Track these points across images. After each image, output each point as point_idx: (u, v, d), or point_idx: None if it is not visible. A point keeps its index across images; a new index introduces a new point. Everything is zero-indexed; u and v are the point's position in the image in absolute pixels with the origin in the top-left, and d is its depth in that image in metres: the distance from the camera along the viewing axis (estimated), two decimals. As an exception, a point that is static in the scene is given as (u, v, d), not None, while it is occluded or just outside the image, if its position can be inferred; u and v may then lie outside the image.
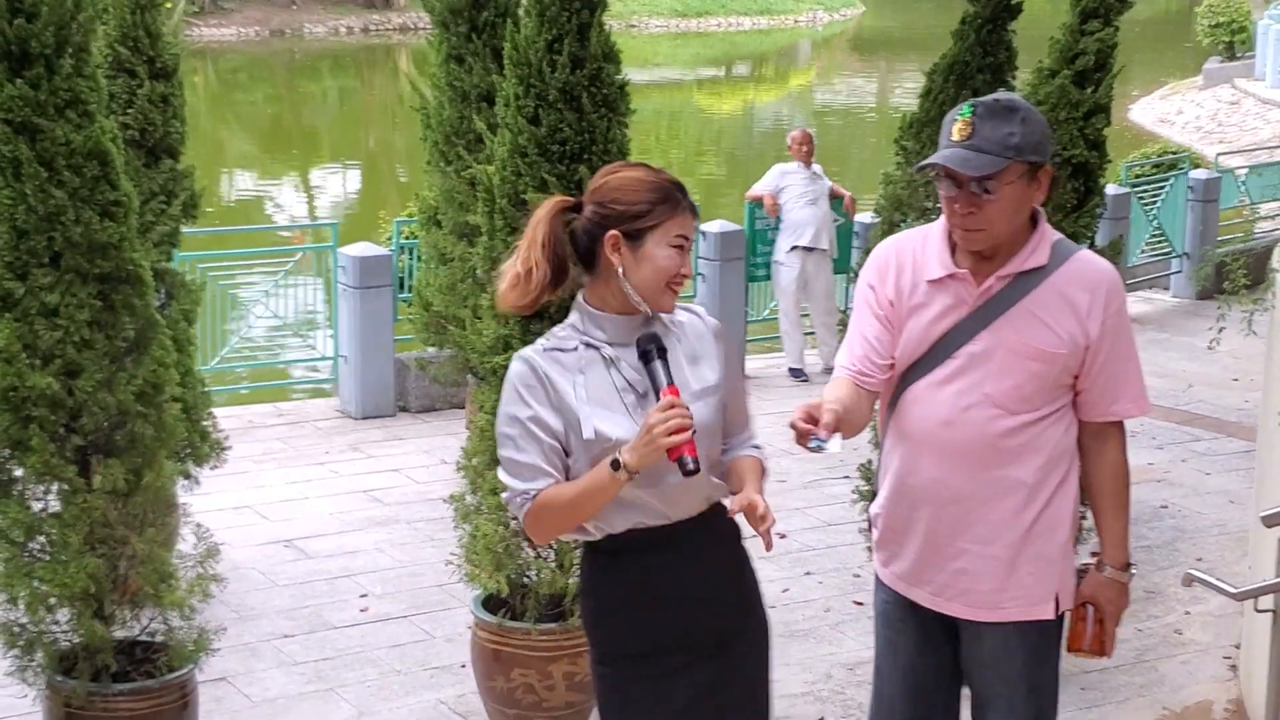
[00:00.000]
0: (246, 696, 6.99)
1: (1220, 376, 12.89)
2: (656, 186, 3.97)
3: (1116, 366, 4.36)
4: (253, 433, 10.98)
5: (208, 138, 32.69)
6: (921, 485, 4.45)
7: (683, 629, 4.01)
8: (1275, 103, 31.09)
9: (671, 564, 4.00)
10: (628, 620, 4.02)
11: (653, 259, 3.93)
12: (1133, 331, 4.45)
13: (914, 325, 4.40)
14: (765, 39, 58.18)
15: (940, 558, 4.45)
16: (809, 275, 13.07)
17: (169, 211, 7.70)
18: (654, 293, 3.96)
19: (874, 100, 44.34)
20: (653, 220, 3.93)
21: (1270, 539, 5.88)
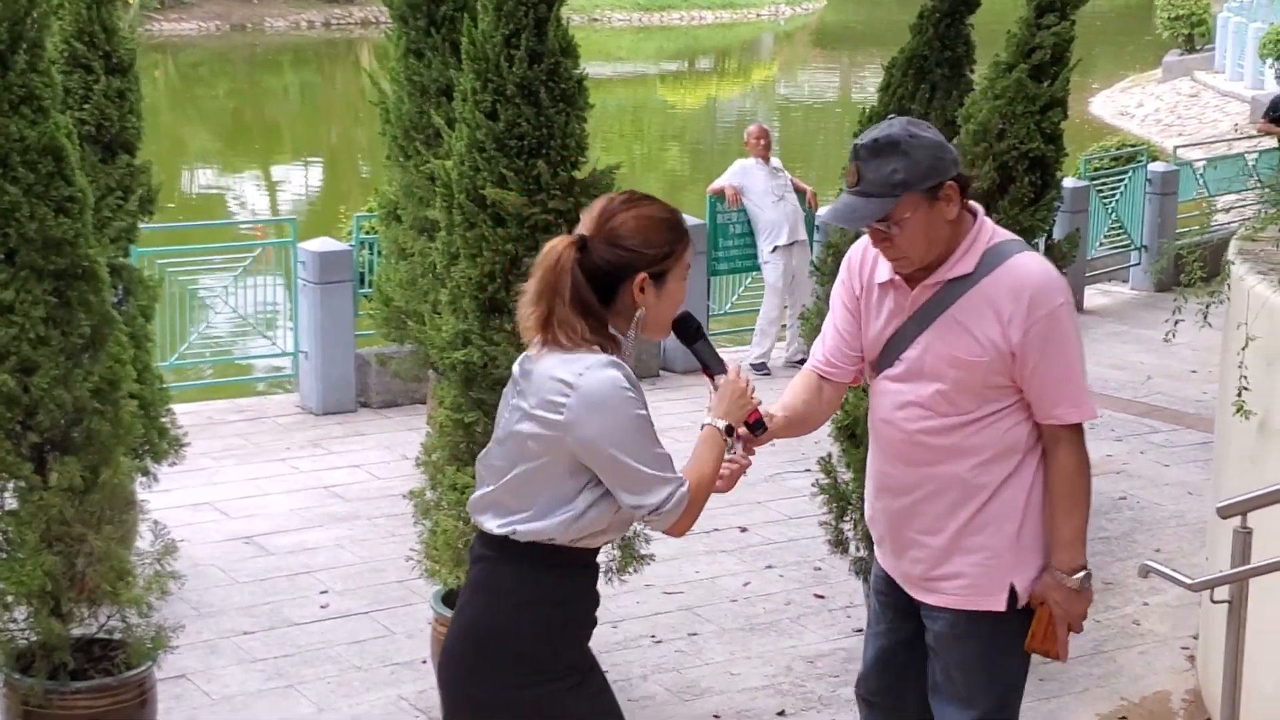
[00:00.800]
0: (206, 694, 6.97)
1: (1179, 368, 12.95)
2: (675, 224, 3.98)
3: (1050, 372, 4.33)
4: (213, 429, 10.94)
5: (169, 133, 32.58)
6: (878, 476, 4.64)
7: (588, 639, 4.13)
8: (1234, 95, 31.25)
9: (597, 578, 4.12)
10: (581, 632, 4.06)
11: (672, 295, 3.97)
12: (1074, 336, 4.38)
13: (872, 325, 4.54)
14: (728, 33, 58.23)
15: (900, 544, 4.60)
16: (795, 270, 13.12)
17: (126, 207, 7.66)
18: (665, 326, 4.03)
19: (836, 94, 44.41)
20: (674, 259, 3.95)
21: (1226, 530, 5.91)
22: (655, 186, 23.93)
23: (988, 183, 6.95)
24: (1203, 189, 17.69)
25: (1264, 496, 5.68)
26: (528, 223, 6.06)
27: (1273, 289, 6.05)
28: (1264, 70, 30.58)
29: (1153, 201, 16.63)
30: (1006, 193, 6.97)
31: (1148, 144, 20.09)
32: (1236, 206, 16.87)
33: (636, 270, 3.89)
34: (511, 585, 3.95)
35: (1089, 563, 4.55)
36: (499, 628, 3.93)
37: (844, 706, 6.92)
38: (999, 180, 6.96)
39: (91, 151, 7.56)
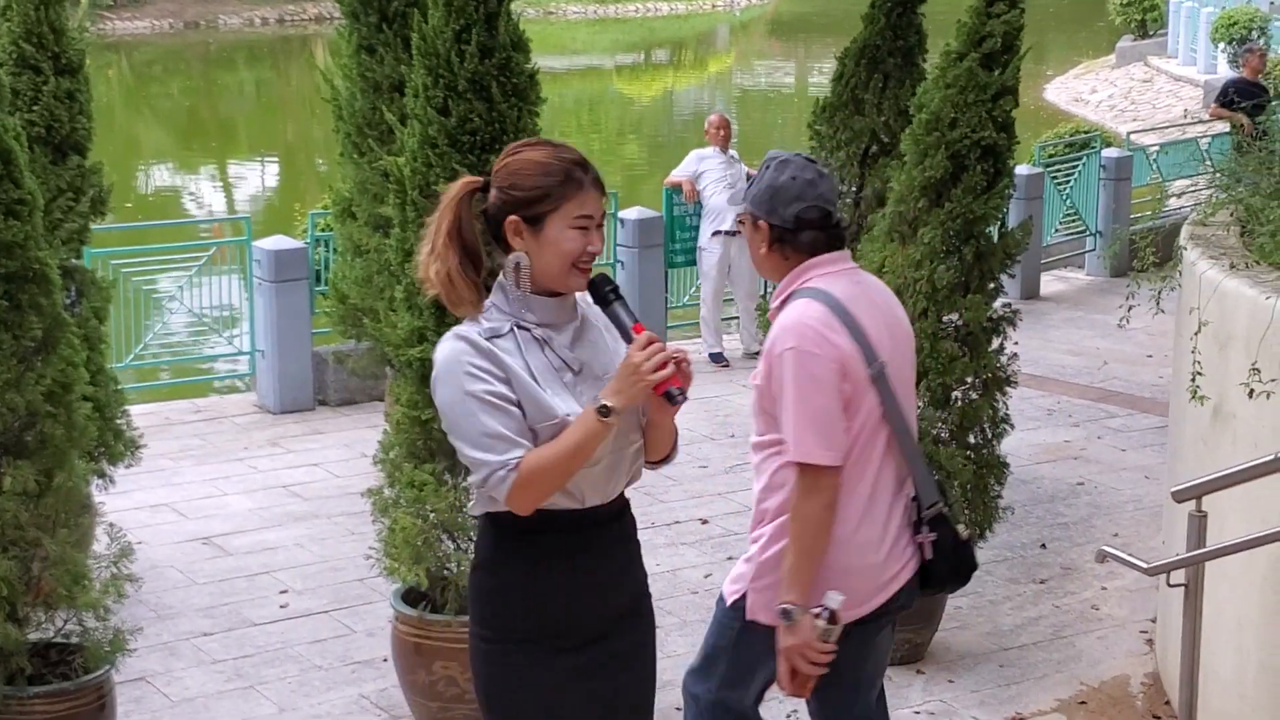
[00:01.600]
0: (166, 696, 6.94)
1: (1135, 353, 13.02)
2: (553, 168, 3.90)
3: (783, 410, 4.33)
4: (170, 430, 10.89)
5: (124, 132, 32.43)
6: None
7: (572, 615, 3.98)
8: (1187, 80, 31.38)
9: (574, 550, 3.97)
10: (523, 601, 3.96)
11: (555, 243, 3.88)
12: (793, 381, 4.27)
13: None
14: (683, 24, 58.22)
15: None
16: (732, 259, 13.10)
17: (77, 209, 7.62)
18: (560, 276, 3.91)
19: (792, 84, 44.46)
20: (551, 204, 3.88)
21: (1182, 514, 5.95)
22: (613, 178, 23.93)
23: (940, 172, 6.96)
24: (1156, 174, 17.78)
25: (1218, 480, 5.72)
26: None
27: (1224, 273, 6.08)
28: (1216, 55, 30.74)
29: (1107, 187, 16.71)
30: (959, 181, 6.98)
31: (1101, 130, 20.17)
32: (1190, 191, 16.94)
33: (507, 212, 3.90)
34: (476, 549, 4.10)
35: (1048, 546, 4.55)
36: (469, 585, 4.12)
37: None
38: (952, 169, 6.98)
39: (41, 153, 7.52)
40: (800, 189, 4.33)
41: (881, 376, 4.14)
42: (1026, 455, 10.12)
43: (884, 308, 4.37)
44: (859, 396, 4.18)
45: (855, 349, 4.16)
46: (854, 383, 4.17)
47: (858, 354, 4.14)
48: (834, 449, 4.15)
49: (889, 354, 4.24)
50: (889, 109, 8.37)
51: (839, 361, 4.10)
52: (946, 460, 6.99)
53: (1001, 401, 7.29)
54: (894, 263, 7.09)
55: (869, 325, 4.22)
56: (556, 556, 3.96)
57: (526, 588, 3.97)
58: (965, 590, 7.93)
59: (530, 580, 3.97)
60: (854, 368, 4.15)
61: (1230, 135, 16.71)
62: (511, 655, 3.99)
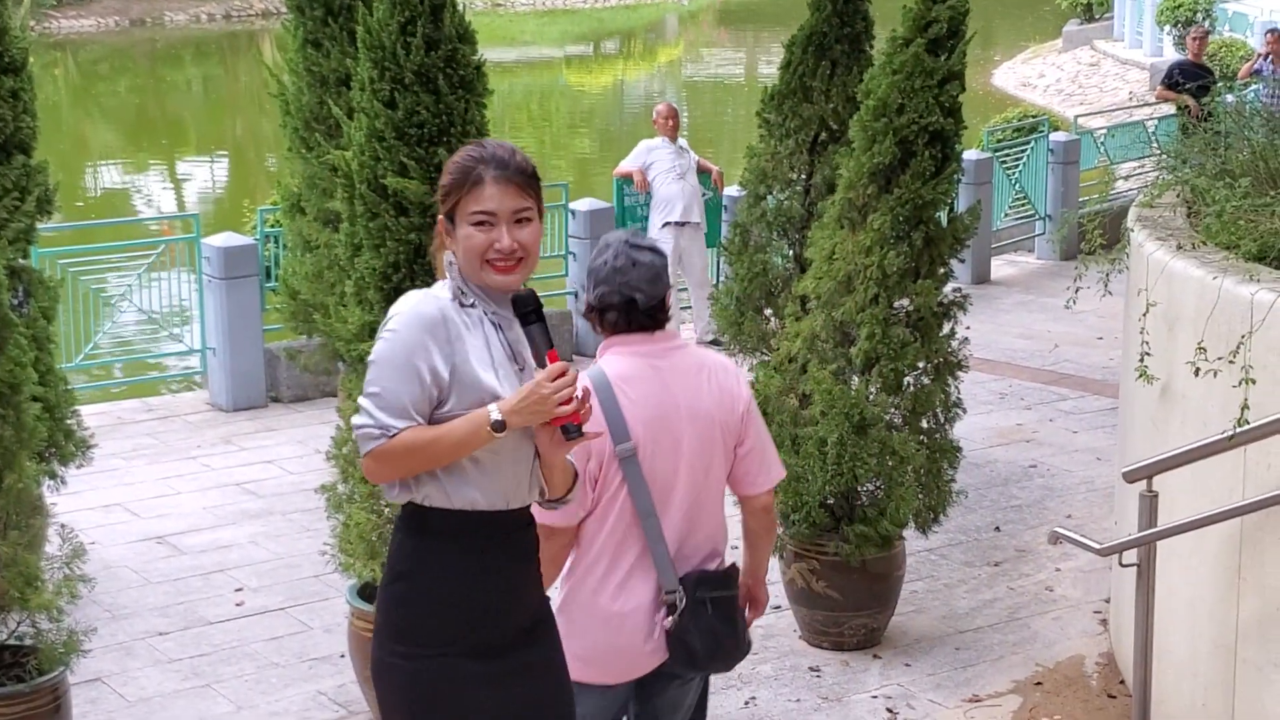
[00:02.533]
0: (122, 696, 6.91)
1: (1085, 336, 13.09)
2: (456, 166, 3.94)
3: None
4: (122, 429, 10.84)
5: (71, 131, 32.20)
6: None
7: (489, 620, 3.94)
8: (1134, 63, 31.53)
9: (491, 551, 3.93)
10: (441, 609, 3.91)
11: (460, 240, 3.92)
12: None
13: None
14: (632, 15, 58.17)
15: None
16: (683, 249, 13.10)
17: (23, 208, 7.55)
18: (474, 272, 3.91)
19: (742, 73, 44.48)
20: (452, 201, 3.93)
21: (1133, 494, 5.99)
22: (564, 170, 23.91)
23: (889, 158, 6.98)
24: (1104, 157, 17.86)
25: (1168, 460, 5.77)
26: (431, 211, 6.02)
27: (1171, 254, 6.12)
28: (1162, 37, 30.88)
29: (1055, 171, 16.78)
30: (907, 167, 7.00)
31: (1049, 114, 20.24)
32: (1137, 174, 17.04)
33: (441, 211, 3.97)
34: (390, 561, 4.09)
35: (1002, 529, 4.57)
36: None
37: (763, 683, 6.96)
38: (900, 155, 7.00)
39: (-14, 152, 7.46)
40: (608, 274, 4.40)
41: (630, 458, 4.12)
42: (979, 439, 10.16)
43: (679, 392, 4.31)
44: (604, 471, 4.17)
45: (603, 425, 4.13)
46: (597, 458, 4.16)
47: (606, 434, 4.13)
48: (564, 514, 4.17)
49: (662, 436, 4.22)
50: (837, 96, 8.36)
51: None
52: (900, 445, 7.02)
53: (954, 386, 7.32)
54: (844, 249, 7.11)
55: (639, 408, 4.22)
56: (473, 557, 3.91)
57: (445, 593, 3.91)
58: (921, 574, 8.03)
59: (448, 585, 3.91)
60: (598, 444, 4.11)
61: (1176, 117, 16.81)
62: (430, 668, 3.91)
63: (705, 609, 4.26)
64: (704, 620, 4.27)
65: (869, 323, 7.00)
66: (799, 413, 7.22)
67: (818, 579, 7.17)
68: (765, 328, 8.68)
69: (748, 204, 8.87)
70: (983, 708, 6.73)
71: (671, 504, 4.26)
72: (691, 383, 4.32)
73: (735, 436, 4.34)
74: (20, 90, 7.61)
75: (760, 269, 8.64)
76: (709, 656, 4.33)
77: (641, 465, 4.12)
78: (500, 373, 3.88)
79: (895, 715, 6.67)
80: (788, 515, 7.16)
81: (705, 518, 4.35)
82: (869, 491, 7.18)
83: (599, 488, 4.18)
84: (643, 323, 4.33)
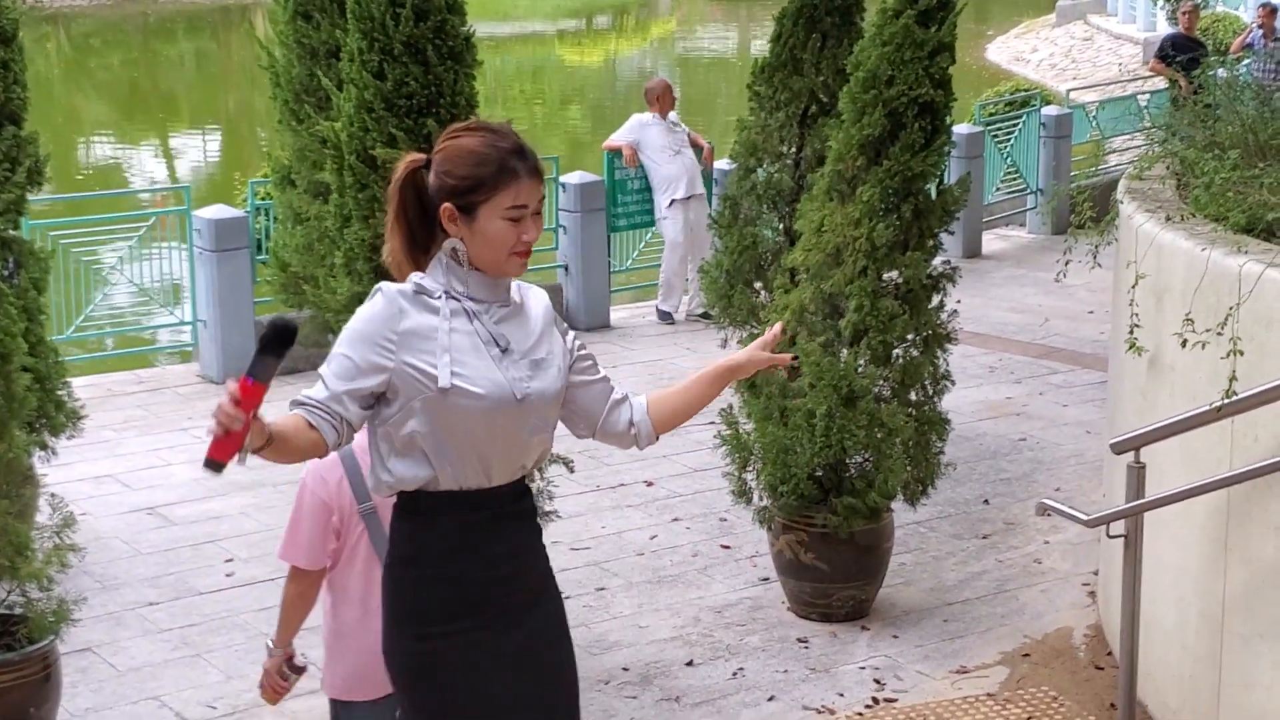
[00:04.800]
0: (112, 666, 6.93)
1: (1076, 309, 13.10)
2: (487, 158, 3.84)
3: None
4: (113, 401, 10.84)
5: (63, 105, 32.15)
6: None
7: (493, 594, 3.95)
8: (1127, 38, 31.54)
9: (485, 530, 3.93)
10: (448, 585, 3.92)
11: (484, 232, 3.84)
12: (301, 506, 4.78)
13: None
14: (625, -11, 58.06)
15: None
16: (692, 223, 13.11)
17: (13, 179, 7.55)
18: (495, 264, 3.88)
19: (735, 47, 44.43)
20: (483, 194, 3.83)
21: (1121, 466, 6.01)
22: (556, 145, 23.88)
23: (878, 130, 6.98)
24: (1096, 131, 17.87)
25: (1155, 431, 5.78)
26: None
27: (1160, 226, 6.13)
28: (1155, 12, 30.88)
29: (1047, 145, 16.78)
30: (897, 139, 7.00)
31: (1041, 88, 20.24)
32: (1129, 148, 17.04)
33: (442, 199, 3.87)
34: (391, 546, 4.11)
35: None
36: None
37: (751, 654, 6.98)
38: (889, 126, 7.00)
39: (-25, 124, 7.45)
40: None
41: (371, 514, 4.64)
42: (969, 412, 10.18)
43: None
44: (347, 526, 4.66)
45: (349, 490, 4.64)
46: (339, 513, 4.65)
47: (349, 496, 4.64)
48: (312, 560, 4.70)
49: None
50: (827, 68, 8.36)
51: (325, 499, 4.64)
52: (888, 417, 7.03)
53: (942, 358, 7.33)
54: (833, 221, 7.11)
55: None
56: (470, 534, 3.93)
57: (449, 571, 3.92)
58: (909, 546, 8.05)
59: (450, 563, 3.92)
60: (343, 503, 4.65)
61: (1169, 90, 16.82)
62: (447, 646, 3.93)
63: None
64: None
65: (858, 295, 7.00)
66: (787, 385, 7.23)
67: (806, 551, 7.19)
68: (755, 300, 8.69)
69: (738, 177, 8.87)
70: (970, 679, 6.75)
71: None
72: None
73: None
74: (10, 61, 7.60)
75: (750, 242, 8.65)
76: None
77: (380, 519, 4.61)
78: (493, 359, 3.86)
79: (883, 686, 6.70)
80: (775, 487, 7.18)
81: None
82: (857, 464, 7.20)
83: (342, 539, 4.69)
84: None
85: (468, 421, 3.83)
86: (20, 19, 7.79)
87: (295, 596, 4.77)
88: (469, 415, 3.83)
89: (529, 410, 3.90)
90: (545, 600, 4.10)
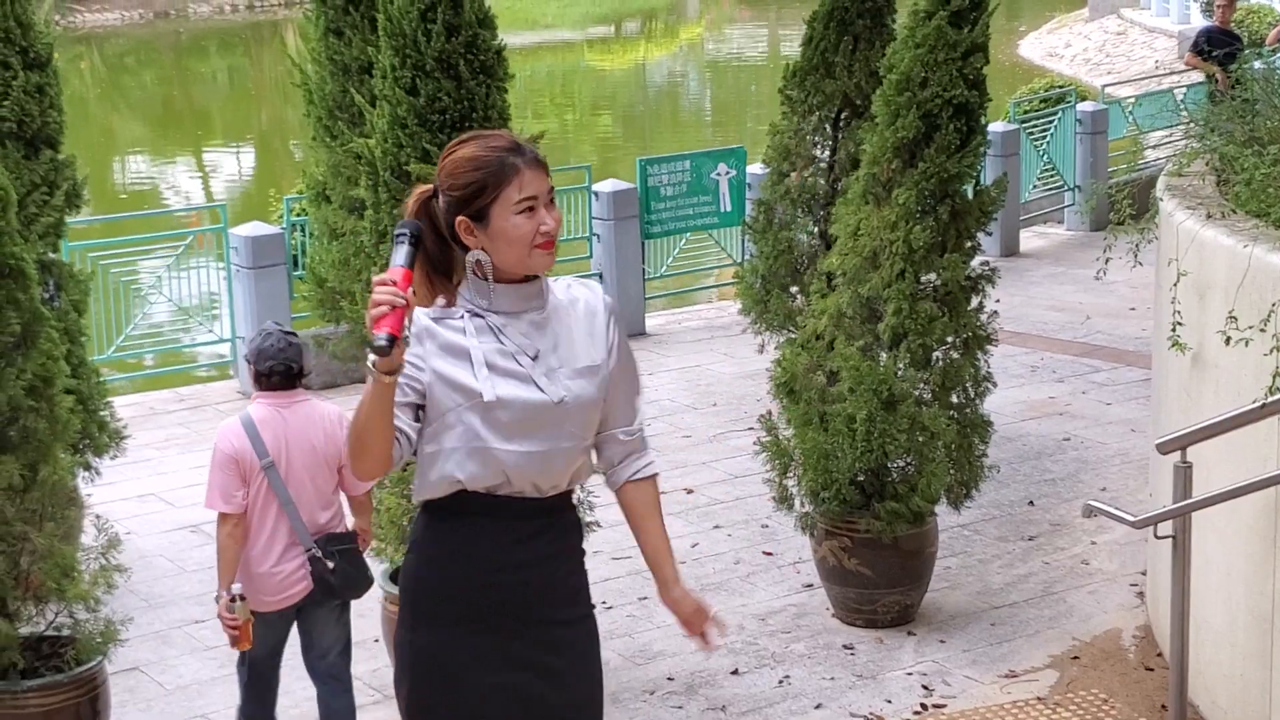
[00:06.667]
0: (160, 684, 6.94)
1: (1117, 307, 13.03)
2: (484, 160, 3.85)
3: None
4: (154, 419, 10.87)
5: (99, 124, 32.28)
6: None
7: (486, 598, 3.93)
8: (1161, 31, 31.36)
9: (493, 535, 3.93)
10: (438, 582, 3.95)
11: (503, 233, 3.85)
12: (215, 463, 5.87)
13: None
14: (653, -5, 58.06)
15: None
16: None
17: (52, 202, 7.60)
18: (521, 261, 3.88)
19: (764, 51, 44.38)
20: (489, 196, 3.84)
21: (1168, 466, 5.97)
22: (587, 153, 23.88)
23: (913, 132, 6.95)
24: (1133, 127, 17.76)
25: (1202, 430, 5.74)
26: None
27: (1201, 223, 6.09)
28: (1189, 4, 30.69)
29: (1083, 141, 16.68)
30: (932, 141, 6.97)
31: (1076, 84, 20.14)
32: (1166, 143, 16.94)
33: (454, 213, 3.87)
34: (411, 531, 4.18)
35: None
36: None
37: (796, 662, 6.96)
38: (924, 129, 6.97)
39: (14, 148, 7.50)
40: (273, 352, 5.95)
41: (271, 468, 5.84)
42: (1011, 413, 10.14)
43: (294, 429, 5.92)
44: (250, 475, 5.83)
45: (249, 448, 5.82)
46: (244, 468, 5.82)
47: (249, 450, 5.82)
48: (229, 504, 5.82)
49: (281, 456, 5.87)
50: (860, 71, 8.34)
51: (233, 454, 5.81)
52: (930, 420, 7.00)
53: (983, 360, 7.30)
54: (869, 225, 7.09)
55: (269, 437, 5.86)
56: (482, 538, 3.93)
57: (441, 568, 3.95)
58: (954, 550, 8.01)
59: (443, 559, 3.95)
60: (245, 458, 5.82)
61: (1205, 85, 16.70)
62: (428, 640, 3.96)
63: (335, 556, 5.94)
64: (335, 563, 5.94)
65: (896, 298, 6.98)
66: (826, 390, 7.21)
67: (849, 556, 7.16)
68: (791, 305, 8.67)
69: (771, 181, 8.86)
70: (1019, 683, 6.72)
71: (301, 496, 5.91)
72: (305, 428, 5.95)
73: (338, 460, 5.95)
74: (46, 85, 7.65)
75: (785, 246, 8.64)
76: (342, 586, 5.99)
77: (279, 471, 5.85)
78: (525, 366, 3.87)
79: (931, 692, 6.67)
80: (817, 493, 7.16)
81: (324, 503, 5.99)
82: (899, 468, 7.17)
83: (249, 485, 5.83)
84: (275, 385, 5.97)
85: (500, 431, 3.85)
86: (55, 42, 7.84)
87: (225, 538, 5.86)
88: (500, 426, 3.85)
89: (564, 416, 3.91)
90: (566, 615, 4.06)
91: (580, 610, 4.12)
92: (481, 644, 3.94)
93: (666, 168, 13.49)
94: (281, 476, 5.88)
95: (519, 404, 3.86)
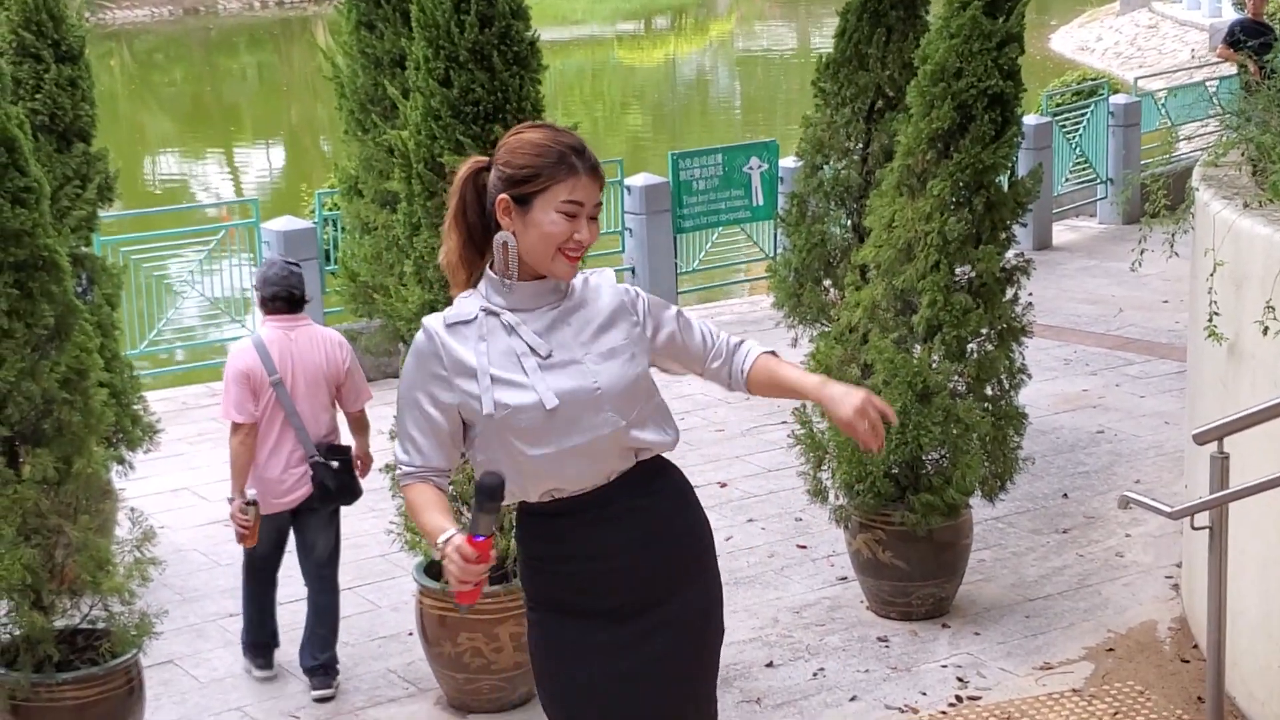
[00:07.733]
0: (194, 678, 6.96)
1: (1150, 299, 12.98)
2: (547, 150, 3.84)
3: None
4: (186, 414, 10.89)
5: (129, 121, 32.39)
6: None
7: (606, 586, 3.97)
8: (1192, 24, 31.23)
9: (589, 526, 3.95)
10: (549, 575, 4.03)
11: (538, 225, 3.83)
12: (229, 378, 6.74)
13: None
14: (683, -10, 58.01)
15: None
16: None
17: (84, 196, 7.61)
18: (543, 260, 3.86)
19: (795, 45, 44.31)
20: (539, 185, 3.82)
21: (1204, 457, 5.92)
22: (618, 148, 23.86)
23: (947, 123, 6.92)
24: (1165, 119, 17.69)
25: (1238, 421, 5.69)
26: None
27: (1238, 213, 6.05)
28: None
29: (1116, 134, 16.63)
30: (967, 132, 6.94)
31: (1109, 77, 20.07)
32: (1199, 135, 16.86)
33: (499, 190, 3.88)
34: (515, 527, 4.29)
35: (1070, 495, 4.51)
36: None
37: (831, 654, 6.94)
38: (959, 120, 6.93)
39: (46, 141, 7.51)
40: (277, 279, 6.77)
41: (279, 384, 6.64)
42: (1045, 405, 10.10)
43: (299, 349, 6.73)
44: (260, 390, 6.65)
45: (259, 365, 6.63)
46: (255, 383, 6.64)
47: (260, 368, 6.63)
48: (242, 414, 6.65)
49: (288, 373, 6.67)
50: (893, 63, 8.31)
51: (245, 370, 6.62)
52: (964, 413, 6.97)
53: (1018, 352, 7.27)
54: (904, 217, 7.06)
55: (276, 356, 6.65)
56: (565, 533, 3.98)
57: (547, 563, 4.03)
58: (988, 542, 7.98)
59: (549, 556, 4.02)
60: (256, 375, 6.63)
61: (1238, 76, 16.62)
62: (546, 620, 4.05)
63: (332, 465, 6.76)
64: (332, 470, 6.76)
65: (930, 290, 6.95)
66: (861, 382, 7.18)
67: (884, 549, 7.14)
68: (824, 299, 8.64)
69: (804, 174, 8.84)
70: (1055, 675, 6.69)
71: (305, 410, 6.71)
72: (309, 349, 6.75)
73: (337, 379, 6.81)
74: (78, 79, 7.67)
75: (819, 239, 8.62)
76: (338, 491, 6.81)
77: (286, 386, 6.65)
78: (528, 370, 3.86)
79: (966, 684, 6.64)
80: (851, 486, 7.13)
81: (326, 418, 6.80)
82: (934, 460, 7.14)
83: (260, 399, 6.63)
84: (279, 309, 6.74)
85: (527, 435, 3.86)
86: (86, 36, 7.86)
87: (238, 445, 6.69)
88: (522, 431, 3.86)
89: (603, 402, 3.90)
90: (676, 595, 4.05)
91: (697, 585, 4.11)
92: (574, 627, 4.01)
93: (698, 162, 13.48)
94: (289, 391, 6.67)
95: (530, 406, 3.85)
